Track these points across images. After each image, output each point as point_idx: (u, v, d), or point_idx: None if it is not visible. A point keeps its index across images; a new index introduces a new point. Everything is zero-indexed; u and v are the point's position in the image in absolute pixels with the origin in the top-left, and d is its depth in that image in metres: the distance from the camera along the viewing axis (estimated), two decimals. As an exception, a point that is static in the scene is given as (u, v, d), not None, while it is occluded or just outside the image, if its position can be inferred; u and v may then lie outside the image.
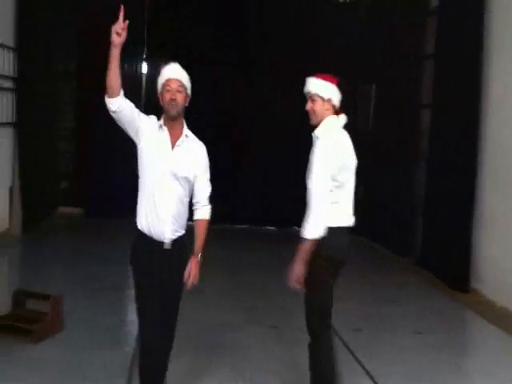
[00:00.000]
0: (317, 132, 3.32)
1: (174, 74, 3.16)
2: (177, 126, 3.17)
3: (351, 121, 3.51)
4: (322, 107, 3.34)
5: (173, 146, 3.13)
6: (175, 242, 3.12)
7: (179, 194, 3.12)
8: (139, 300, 3.16)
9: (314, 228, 3.15)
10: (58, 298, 4.49)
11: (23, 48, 7.04)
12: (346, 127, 3.40)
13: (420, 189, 7.40)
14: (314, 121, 3.38)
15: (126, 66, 9.09)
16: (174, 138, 3.15)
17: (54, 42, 8.25)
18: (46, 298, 4.48)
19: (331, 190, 3.22)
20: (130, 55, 9.06)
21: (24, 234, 7.19)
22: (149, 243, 3.11)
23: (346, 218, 3.32)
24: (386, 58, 8.21)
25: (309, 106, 3.39)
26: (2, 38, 6.62)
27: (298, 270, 3.20)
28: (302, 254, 3.17)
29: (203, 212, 3.25)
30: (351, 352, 4.42)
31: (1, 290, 3.91)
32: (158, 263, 3.10)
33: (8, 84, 6.89)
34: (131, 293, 5.56)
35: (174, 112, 3.11)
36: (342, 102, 3.39)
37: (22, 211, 7.19)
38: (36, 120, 7.41)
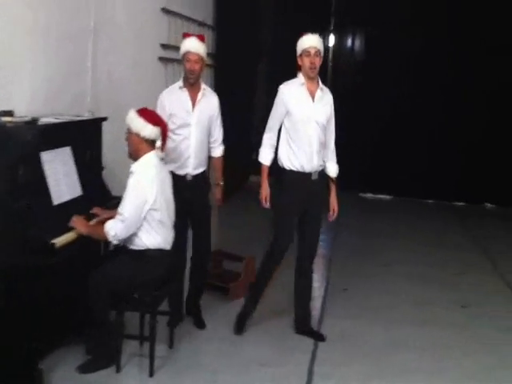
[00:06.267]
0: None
1: (193, 47, 3.82)
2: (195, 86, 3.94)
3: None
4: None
5: (193, 103, 3.88)
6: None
7: None
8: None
9: None
10: (250, 260, 4.81)
11: (221, 26, 7.49)
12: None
13: None
14: (314, 74, 3.82)
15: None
16: (195, 96, 3.90)
17: (249, 21, 8.60)
18: (240, 259, 4.83)
19: None
20: (317, 28, 9.19)
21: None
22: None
23: None
24: None
25: (316, 61, 3.78)
26: (203, 16, 7.09)
27: None
28: None
29: (219, 150, 4.10)
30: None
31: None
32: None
33: (207, 60, 7.38)
34: (320, 260, 5.84)
35: (192, 80, 3.87)
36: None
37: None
38: (234, 94, 7.81)
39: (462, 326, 4.41)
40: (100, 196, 3.83)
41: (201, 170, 4.00)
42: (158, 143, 3.50)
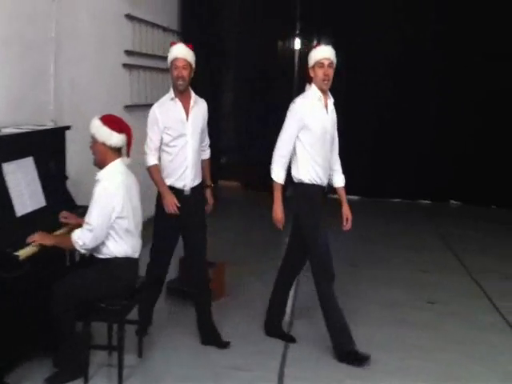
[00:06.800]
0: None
1: (180, 53, 3.71)
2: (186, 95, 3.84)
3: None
4: None
5: (187, 112, 3.81)
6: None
7: None
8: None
9: None
10: (220, 266, 4.80)
11: (187, 31, 7.47)
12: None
13: None
14: (327, 86, 3.73)
15: (279, 42, 9.33)
16: (187, 104, 3.82)
17: (215, 25, 8.58)
18: (210, 265, 4.81)
19: None
20: (283, 32, 9.27)
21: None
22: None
23: None
24: None
25: (330, 72, 3.69)
26: (168, 22, 7.07)
27: None
28: None
29: (207, 153, 4.13)
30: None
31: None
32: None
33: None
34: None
35: (181, 87, 3.76)
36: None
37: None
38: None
39: (430, 325, 4.47)
40: (64, 206, 3.79)
41: (197, 181, 3.94)
42: (124, 150, 3.49)
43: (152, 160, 3.84)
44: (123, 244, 3.38)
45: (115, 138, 3.35)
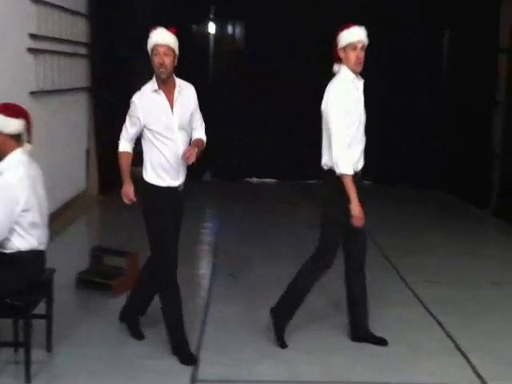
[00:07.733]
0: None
1: (161, 39, 3.45)
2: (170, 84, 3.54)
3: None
4: None
5: (171, 104, 3.51)
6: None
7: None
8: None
9: None
10: (133, 255, 4.74)
11: (96, 14, 7.25)
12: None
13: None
14: (360, 69, 3.61)
15: (194, 26, 9.23)
16: (171, 95, 3.52)
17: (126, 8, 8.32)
18: (122, 254, 4.75)
19: None
20: (197, 16, 9.17)
21: (101, 196, 7.54)
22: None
23: None
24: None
25: (362, 55, 3.58)
26: (75, 5, 6.84)
27: None
28: None
29: (200, 133, 3.72)
30: (425, 306, 4.51)
31: (80, 247, 4.28)
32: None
33: (82, 50, 7.15)
34: (206, 248, 5.87)
35: (164, 75, 3.47)
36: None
37: (98, 173, 7.49)
38: (112, 84, 7.57)
39: (344, 302, 4.57)
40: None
41: (185, 175, 3.71)
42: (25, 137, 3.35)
43: (122, 146, 3.66)
44: (29, 238, 3.28)
45: (12, 125, 3.23)
